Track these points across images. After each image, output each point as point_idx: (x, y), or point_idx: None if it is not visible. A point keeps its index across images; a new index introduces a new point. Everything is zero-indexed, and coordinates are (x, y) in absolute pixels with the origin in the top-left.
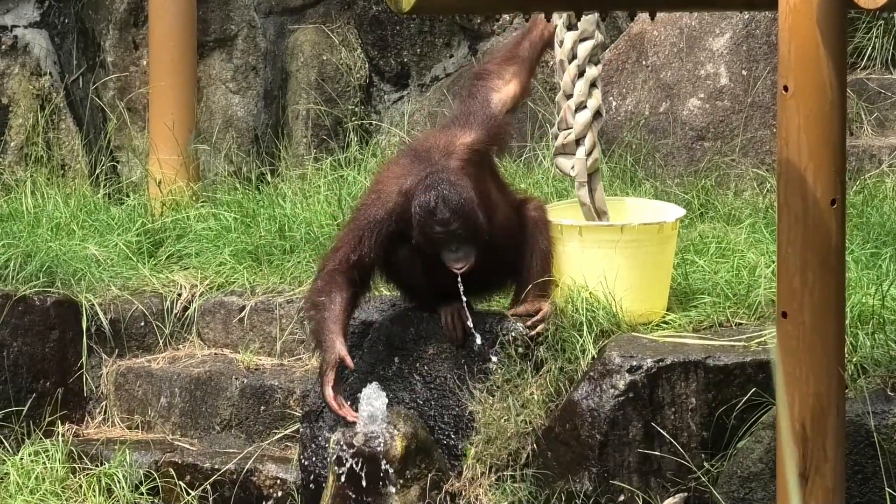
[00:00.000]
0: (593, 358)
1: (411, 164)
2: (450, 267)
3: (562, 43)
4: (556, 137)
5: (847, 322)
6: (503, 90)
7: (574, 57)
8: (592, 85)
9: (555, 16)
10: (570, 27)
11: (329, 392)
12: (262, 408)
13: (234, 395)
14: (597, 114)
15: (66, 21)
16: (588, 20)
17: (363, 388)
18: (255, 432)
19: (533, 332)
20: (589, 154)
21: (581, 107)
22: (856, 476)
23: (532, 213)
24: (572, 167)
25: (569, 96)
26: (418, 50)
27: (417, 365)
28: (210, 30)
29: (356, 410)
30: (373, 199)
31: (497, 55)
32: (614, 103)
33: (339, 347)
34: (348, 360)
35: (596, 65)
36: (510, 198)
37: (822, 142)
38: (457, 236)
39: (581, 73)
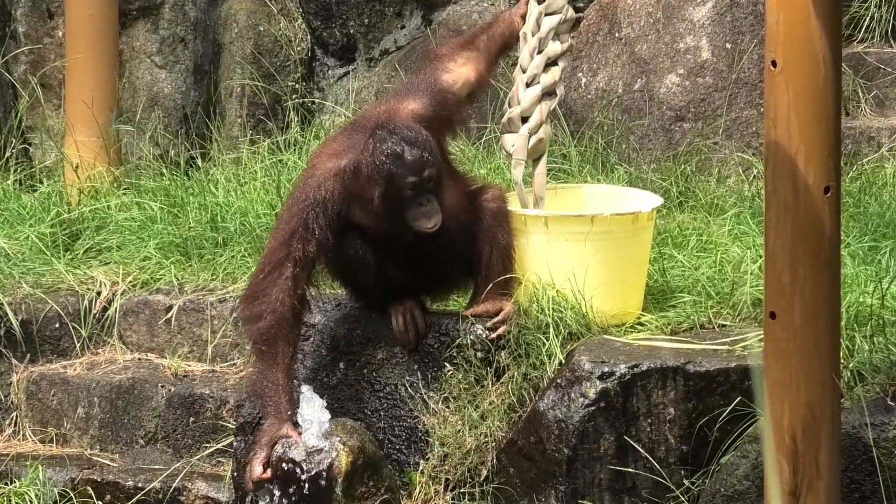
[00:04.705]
0: (560, 363)
1: (349, 137)
2: (421, 227)
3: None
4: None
5: (842, 323)
6: (455, 71)
7: (538, 30)
8: (554, 63)
9: None
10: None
11: (258, 471)
12: (192, 419)
13: (159, 405)
14: (551, 92)
15: None
16: None
17: (302, 396)
18: (183, 446)
19: (494, 335)
20: (533, 133)
21: (534, 82)
22: (852, 495)
23: (489, 203)
24: (513, 144)
25: (524, 71)
26: (366, 20)
27: (365, 371)
28: None
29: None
30: (307, 181)
31: (451, 41)
32: (584, 80)
33: (287, 426)
34: (297, 438)
35: (561, 41)
36: (462, 184)
37: (814, 122)
38: (426, 187)
39: (542, 49)
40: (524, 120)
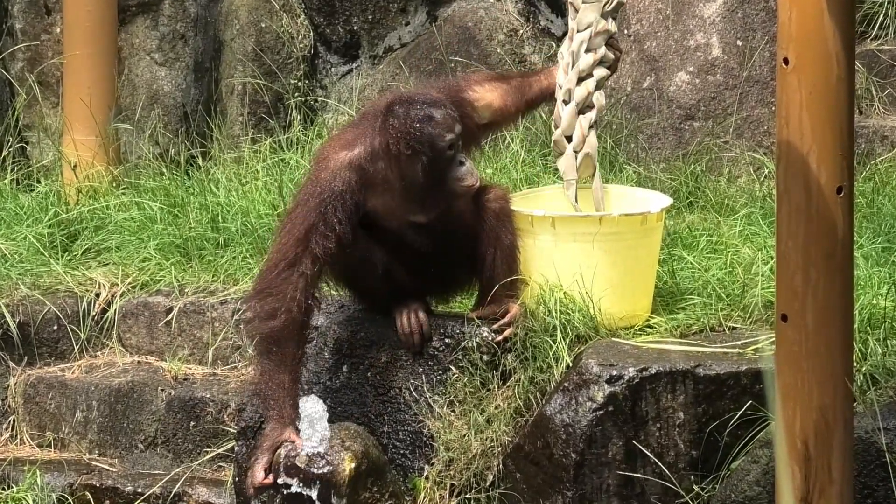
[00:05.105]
0: (568, 367)
1: (358, 127)
2: (465, 185)
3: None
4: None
5: (855, 326)
6: (480, 93)
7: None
8: (588, 75)
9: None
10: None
11: (260, 477)
12: (192, 423)
13: (159, 409)
14: (589, 105)
15: None
16: (590, 6)
17: (302, 399)
18: (183, 451)
19: (500, 338)
20: (578, 150)
21: (569, 99)
22: (865, 501)
23: (492, 204)
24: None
25: (561, 88)
26: (370, 16)
27: (369, 374)
28: None
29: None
30: (319, 174)
31: (483, 73)
32: None
33: (290, 431)
34: (300, 444)
35: (595, 53)
36: None
37: (827, 121)
38: (458, 145)
39: (575, 63)
40: (569, 139)
